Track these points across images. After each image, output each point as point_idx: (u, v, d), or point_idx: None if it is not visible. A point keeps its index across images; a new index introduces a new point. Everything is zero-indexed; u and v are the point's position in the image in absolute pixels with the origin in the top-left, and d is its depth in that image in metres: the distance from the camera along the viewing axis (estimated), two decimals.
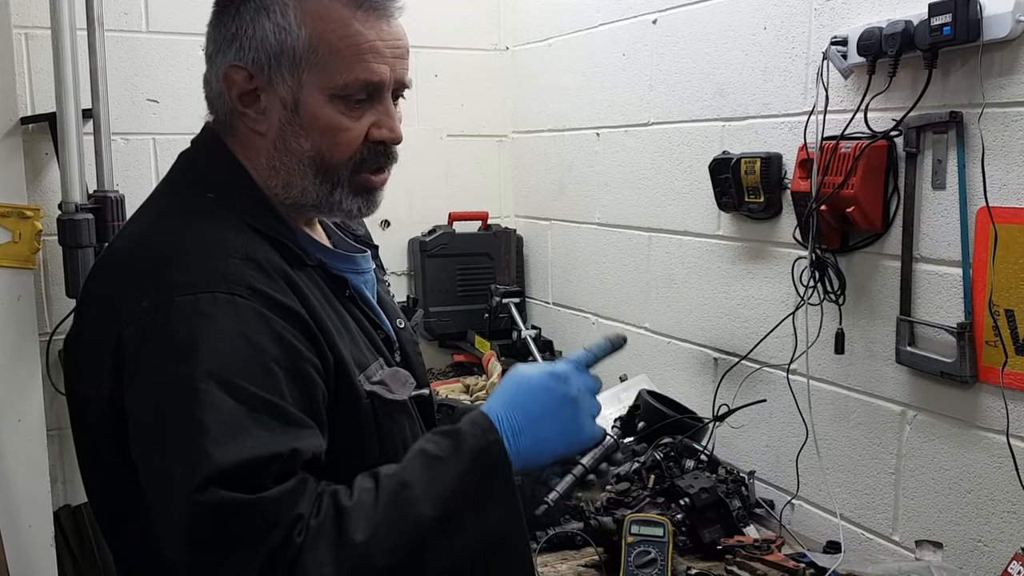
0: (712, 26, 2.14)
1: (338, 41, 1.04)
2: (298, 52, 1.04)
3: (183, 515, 0.87)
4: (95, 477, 1.11)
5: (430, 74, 2.96)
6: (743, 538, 1.75)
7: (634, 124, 2.47)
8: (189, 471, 0.87)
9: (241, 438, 0.89)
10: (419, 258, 2.97)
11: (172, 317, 0.94)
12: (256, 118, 1.08)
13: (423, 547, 0.92)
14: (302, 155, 1.07)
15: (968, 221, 1.57)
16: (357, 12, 1.04)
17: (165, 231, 1.04)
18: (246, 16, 1.06)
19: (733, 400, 2.05)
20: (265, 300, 0.98)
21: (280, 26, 1.04)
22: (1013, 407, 1.52)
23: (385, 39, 1.06)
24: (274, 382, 0.94)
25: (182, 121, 2.53)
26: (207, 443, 0.88)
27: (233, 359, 0.93)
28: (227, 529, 0.87)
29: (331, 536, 0.89)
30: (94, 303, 1.05)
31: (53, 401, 2.44)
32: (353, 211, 1.12)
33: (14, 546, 2.26)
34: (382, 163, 1.11)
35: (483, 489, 0.97)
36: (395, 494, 0.94)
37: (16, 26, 2.31)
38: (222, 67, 1.08)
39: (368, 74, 1.05)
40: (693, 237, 2.27)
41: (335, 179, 1.08)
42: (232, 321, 0.95)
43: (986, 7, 1.48)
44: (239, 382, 0.92)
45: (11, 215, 2.26)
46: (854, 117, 1.71)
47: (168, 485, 0.90)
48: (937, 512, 1.68)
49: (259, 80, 1.06)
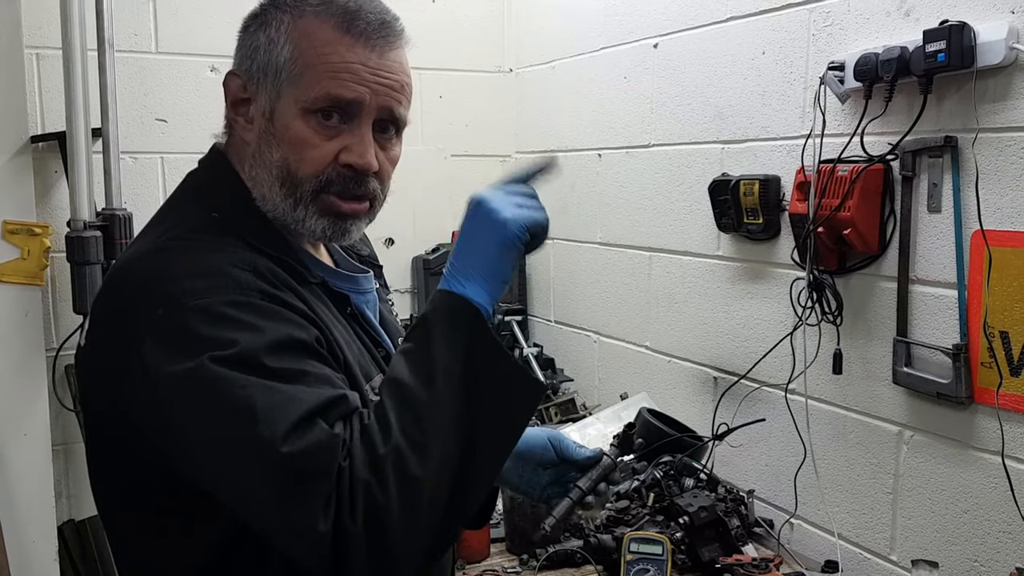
0: (712, 51, 2.18)
1: (315, 57, 1.07)
2: (279, 64, 1.08)
3: (270, 469, 0.90)
4: (110, 491, 1.12)
5: (435, 95, 2.99)
6: (742, 557, 1.76)
7: (635, 145, 2.50)
8: (261, 438, 0.90)
9: (292, 403, 0.92)
10: (422, 276, 2.99)
11: (190, 320, 0.95)
12: (245, 126, 1.12)
13: (429, 419, 0.95)
14: (271, 165, 1.09)
15: (963, 244, 1.59)
16: (344, 36, 1.07)
17: (172, 247, 1.06)
18: (251, 29, 1.12)
19: (732, 419, 2.06)
20: (280, 301, 1.01)
21: (271, 39, 1.08)
22: (1008, 428, 1.53)
23: (369, 65, 1.07)
24: (301, 362, 0.97)
25: (190, 140, 2.56)
26: (260, 421, 0.90)
27: (263, 345, 0.95)
28: (312, 466, 0.90)
29: (364, 450, 0.92)
30: (105, 318, 1.06)
31: (59, 416, 2.46)
32: (317, 232, 1.11)
33: (18, 560, 2.27)
34: (351, 188, 1.10)
35: (452, 340, 0.98)
36: (393, 395, 0.96)
37: (28, 46, 2.35)
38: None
39: (340, 91, 1.06)
40: (693, 257, 2.29)
41: (297, 194, 1.09)
42: (250, 316, 0.97)
43: (980, 34, 1.51)
44: (274, 365, 0.94)
45: (20, 232, 2.29)
46: (851, 141, 1.74)
47: (245, 463, 0.92)
48: (934, 532, 1.69)
49: (250, 89, 1.10)
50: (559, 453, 1.34)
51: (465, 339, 0.99)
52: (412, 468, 0.91)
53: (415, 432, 0.93)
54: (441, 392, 0.96)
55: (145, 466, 1.02)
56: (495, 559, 1.88)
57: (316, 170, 1.08)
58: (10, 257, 2.29)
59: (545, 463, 1.35)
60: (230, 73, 1.12)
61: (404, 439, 0.92)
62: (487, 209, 1.05)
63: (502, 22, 3.12)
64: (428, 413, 0.95)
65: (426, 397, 0.95)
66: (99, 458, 1.12)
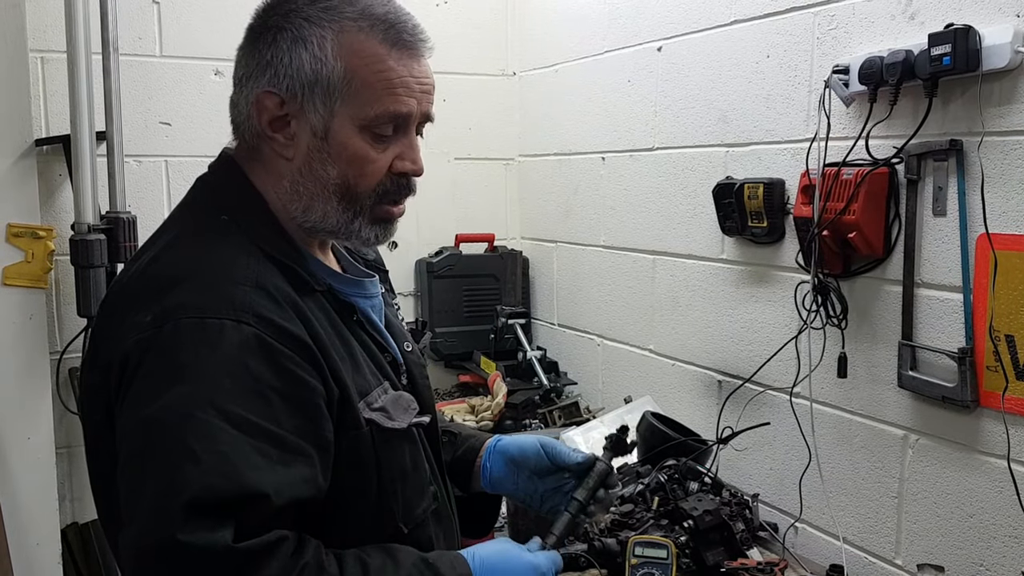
0: (716, 54, 2.18)
1: (372, 75, 1.08)
2: (333, 83, 1.08)
3: (150, 544, 0.88)
4: (105, 500, 1.12)
5: (439, 98, 2.96)
6: (747, 561, 1.76)
7: (639, 149, 2.50)
8: (167, 495, 0.88)
9: (229, 468, 0.90)
10: (426, 279, 2.99)
11: (176, 337, 0.96)
12: (284, 143, 1.12)
13: None
14: (327, 181, 1.10)
15: (968, 247, 1.59)
16: (392, 50, 1.09)
17: (178, 253, 1.07)
18: (283, 45, 1.09)
19: (737, 423, 2.06)
20: (272, 329, 1.00)
21: (317, 57, 1.08)
22: (1014, 432, 1.53)
23: (416, 75, 1.11)
24: (271, 411, 0.96)
25: (194, 144, 2.56)
26: (190, 470, 0.89)
27: (231, 387, 0.94)
28: (192, 570, 0.87)
29: None
30: (106, 323, 1.07)
31: (62, 419, 2.46)
32: (370, 239, 1.16)
33: (22, 563, 2.27)
34: (403, 195, 1.16)
35: None
36: None
37: (32, 50, 2.36)
38: (253, 92, 1.11)
39: (398, 106, 1.09)
40: (697, 260, 2.29)
41: (358, 207, 1.12)
42: (235, 349, 0.96)
43: (985, 38, 1.50)
44: (235, 409, 0.93)
45: (24, 235, 2.30)
46: (856, 144, 1.74)
47: (141, 506, 0.91)
48: (939, 536, 1.68)
49: (291, 107, 1.10)
50: (553, 460, 1.33)
51: None
52: None
53: None
54: None
55: None
56: None
57: (375, 183, 1.12)
58: (14, 260, 2.29)
59: (540, 471, 1.35)
60: (265, 91, 1.10)
61: None
62: None
63: (506, 25, 3.12)
64: None
65: None
66: (94, 465, 1.12)
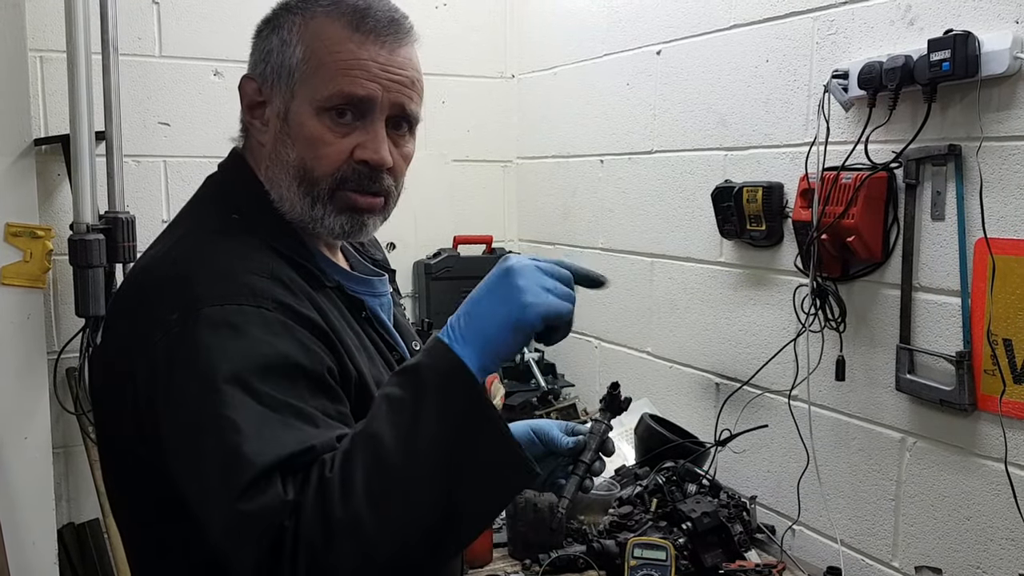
0: (715, 58, 2.18)
1: (327, 56, 1.08)
2: (292, 65, 1.09)
3: (224, 518, 0.88)
4: (122, 494, 1.12)
5: (437, 100, 3.00)
6: (744, 563, 1.77)
7: (637, 152, 2.51)
8: (227, 474, 0.89)
9: (270, 437, 0.90)
10: (424, 281, 2.99)
11: (200, 326, 0.96)
12: (261, 128, 1.13)
13: (402, 489, 0.90)
14: (288, 165, 1.10)
15: (966, 251, 1.60)
16: (355, 34, 1.08)
17: (192, 249, 1.07)
18: (264, 33, 1.14)
19: (735, 425, 2.07)
20: (291, 313, 1.00)
21: (284, 40, 1.10)
22: (1011, 435, 1.54)
23: (380, 62, 1.09)
24: (298, 390, 0.96)
25: (193, 144, 2.56)
26: (242, 443, 0.89)
27: (260, 365, 0.94)
28: (268, 527, 0.87)
29: (317, 514, 0.88)
30: (122, 320, 1.07)
31: (59, 419, 2.46)
32: (336, 229, 1.11)
33: (18, 563, 2.27)
34: (366, 185, 1.11)
35: (444, 409, 0.93)
36: (366, 449, 0.92)
37: (32, 49, 2.35)
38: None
39: (353, 88, 1.07)
40: (695, 263, 2.29)
41: (315, 192, 1.10)
42: (259, 330, 0.97)
43: (984, 44, 1.51)
44: (265, 388, 0.93)
45: (23, 235, 2.29)
46: (855, 148, 1.75)
47: (206, 486, 0.91)
48: (936, 539, 1.69)
49: (265, 92, 1.12)
50: (546, 445, 1.31)
51: (459, 413, 0.93)
52: (370, 537, 0.87)
53: (383, 500, 0.88)
54: (422, 464, 0.90)
55: (147, 468, 1.02)
56: (498, 564, 1.88)
57: (332, 167, 1.09)
58: (12, 260, 2.29)
59: (534, 457, 1.34)
60: (245, 77, 1.14)
61: (367, 505, 0.87)
62: (512, 284, 0.98)
63: (505, 28, 3.13)
64: (402, 483, 0.89)
65: (403, 464, 0.90)
66: (108, 458, 1.13)
